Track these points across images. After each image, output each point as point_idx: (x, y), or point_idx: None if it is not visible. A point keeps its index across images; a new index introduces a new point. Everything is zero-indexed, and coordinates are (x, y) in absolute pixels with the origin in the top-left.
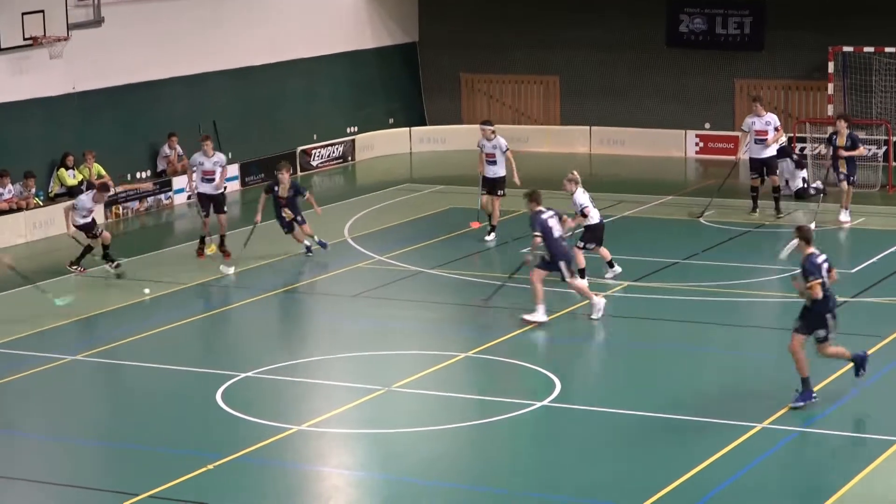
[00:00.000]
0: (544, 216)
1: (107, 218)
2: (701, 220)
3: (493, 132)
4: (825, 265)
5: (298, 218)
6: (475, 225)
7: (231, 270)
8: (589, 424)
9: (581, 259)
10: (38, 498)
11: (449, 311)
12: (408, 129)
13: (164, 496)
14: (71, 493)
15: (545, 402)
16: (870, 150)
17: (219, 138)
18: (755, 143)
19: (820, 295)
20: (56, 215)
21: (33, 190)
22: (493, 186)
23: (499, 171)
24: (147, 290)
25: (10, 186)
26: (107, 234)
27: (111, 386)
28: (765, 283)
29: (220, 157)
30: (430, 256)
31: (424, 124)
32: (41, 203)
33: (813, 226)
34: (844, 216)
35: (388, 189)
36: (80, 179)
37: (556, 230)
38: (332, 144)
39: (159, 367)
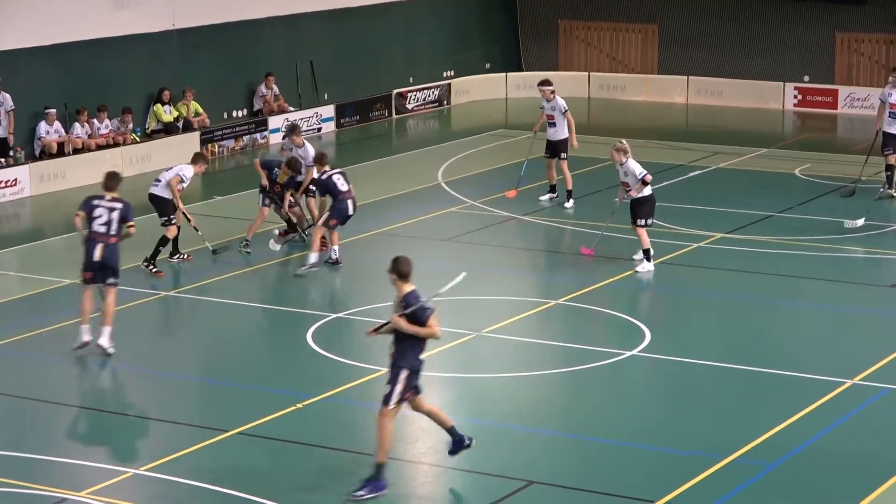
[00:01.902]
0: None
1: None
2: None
3: (553, 92)
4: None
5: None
6: (512, 192)
7: (278, 247)
8: (677, 375)
9: (646, 238)
10: (130, 430)
11: (541, 258)
12: (504, 74)
13: (252, 433)
14: (161, 427)
15: (634, 352)
16: None
17: (315, 79)
18: (889, 116)
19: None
20: (152, 151)
21: (130, 125)
22: (554, 149)
23: (559, 133)
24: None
25: (107, 121)
26: (172, 229)
27: (202, 322)
28: (860, 239)
29: (310, 148)
30: (522, 202)
31: (521, 70)
32: (138, 139)
33: None
34: None
35: (482, 134)
36: (175, 116)
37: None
38: (427, 88)
39: (251, 306)
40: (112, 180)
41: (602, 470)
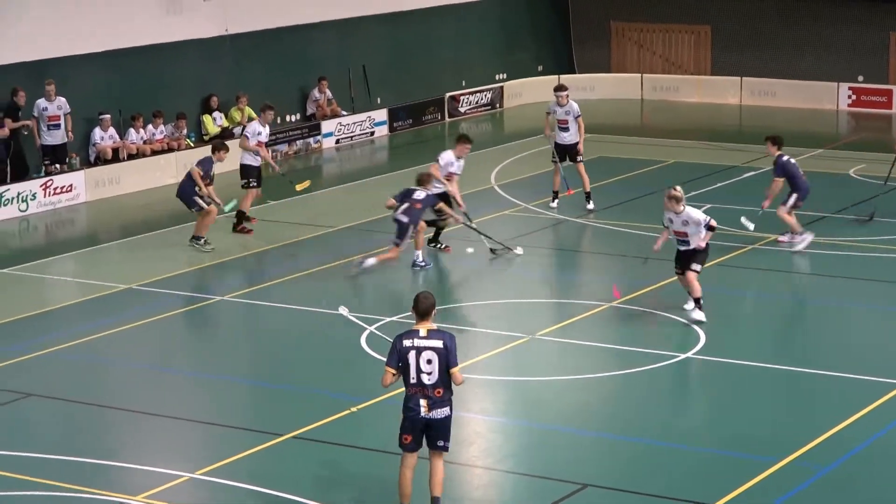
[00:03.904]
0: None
1: (260, 176)
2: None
3: (567, 97)
4: None
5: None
6: (568, 192)
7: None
8: (732, 378)
9: (698, 286)
10: (185, 435)
11: (593, 260)
12: (557, 76)
13: (306, 437)
14: (216, 431)
15: (689, 354)
16: None
17: (368, 83)
18: None
19: None
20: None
21: (184, 131)
22: (569, 154)
23: (572, 137)
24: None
25: (162, 127)
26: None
27: (257, 327)
28: None
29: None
30: (576, 204)
31: (573, 72)
32: (192, 144)
33: None
34: None
35: (535, 137)
36: (227, 125)
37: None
38: (480, 91)
39: (305, 310)
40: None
41: (657, 473)
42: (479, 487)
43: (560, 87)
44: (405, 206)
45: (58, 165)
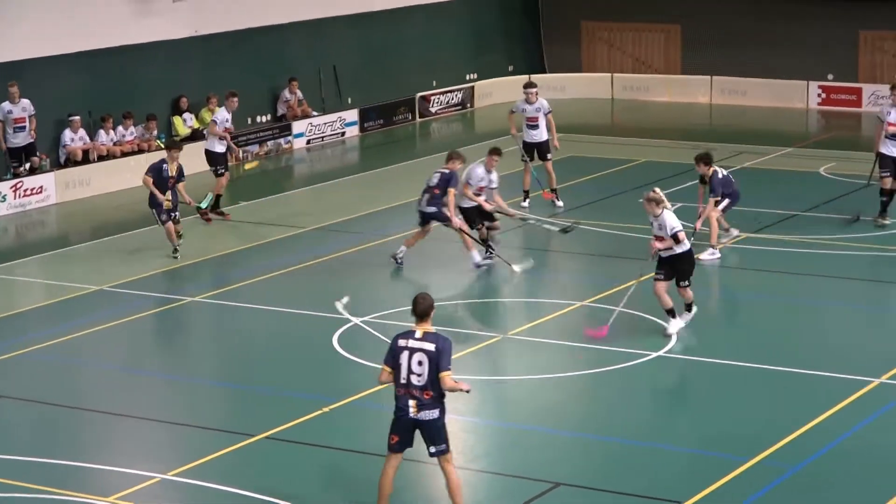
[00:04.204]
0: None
1: (227, 161)
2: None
3: (537, 94)
4: None
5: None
6: (544, 194)
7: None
8: (704, 376)
9: (690, 293)
10: (157, 436)
11: (564, 260)
12: (527, 76)
13: (279, 437)
14: (188, 432)
15: (660, 353)
16: None
17: (338, 83)
18: (887, 137)
19: None
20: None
21: (155, 132)
22: (538, 151)
23: (542, 134)
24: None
25: (132, 128)
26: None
27: (228, 327)
28: (885, 237)
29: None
30: (546, 203)
31: (544, 72)
32: (163, 146)
33: None
34: None
35: (506, 136)
36: (197, 126)
37: None
38: (451, 91)
39: (276, 310)
40: None
41: (628, 471)
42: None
43: (530, 84)
44: (425, 196)
45: (25, 167)
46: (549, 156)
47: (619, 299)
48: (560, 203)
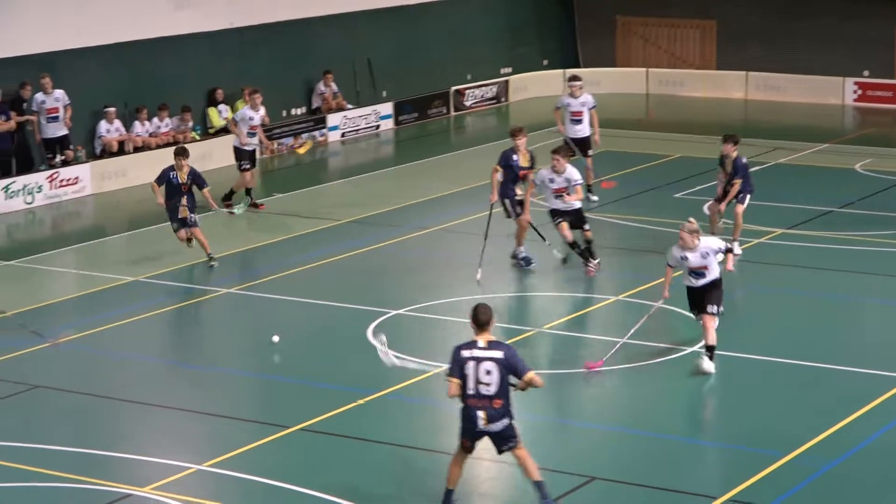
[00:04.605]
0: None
1: (261, 154)
2: None
3: (581, 87)
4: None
5: (192, 217)
6: (606, 185)
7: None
8: (739, 372)
9: (713, 332)
10: (192, 427)
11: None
12: (562, 70)
13: (313, 429)
14: (223, 423)
15: (696, 348)
16: None
17: (373, 76)
18: None
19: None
20: (213, 149)
21: (190, 124)
22: (580, 147)
23: (585, 130)
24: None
25: (167, 120)
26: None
27: (262, 319)
28: None
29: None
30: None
31: (578, 66)
32: (198, 137)
33: None
34: None
35: (540, 131)
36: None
37: None
38: (485, 85)
39: (311, 302)
40: None
41: (662, 466)
42: (487, 480)
43: (574, 78)
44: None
45: (60, 158)
46: (590, 152)
47: (634, 322)
48: (595, 198)
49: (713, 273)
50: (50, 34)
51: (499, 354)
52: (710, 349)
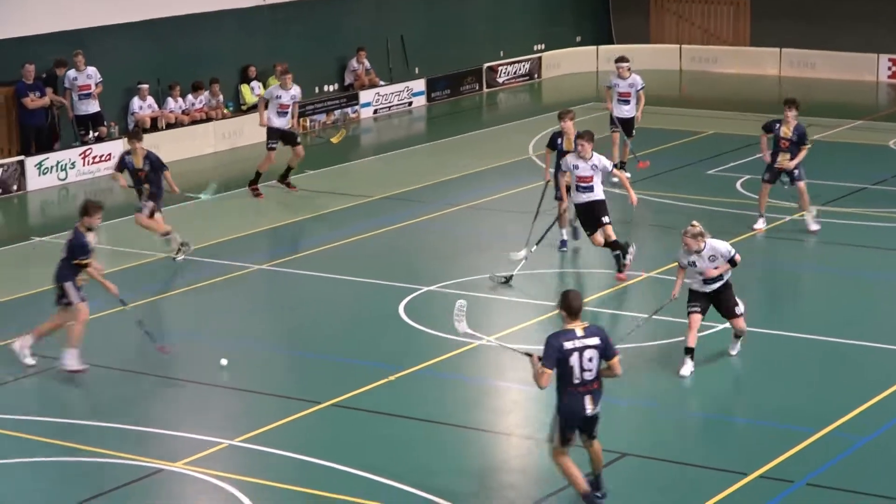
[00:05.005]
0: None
1: (293, 128)
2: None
3: (629, 69)
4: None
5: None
6: (642, 165)
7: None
8: (771, 348)
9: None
10: (224, 402)
11: (629, 230)
12: (595, 47)
13: (345, 405)
14: (255, 399)
15: (727, 325)
16: None
17: (406, 53)
18: None
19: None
20: (244, 126)
21: (221, 98)
22: (624, 127)
23: (631, 111)
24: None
25: (202, 97)
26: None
27: (295, 295)
28: None
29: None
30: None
31: (612, 43)
32: (230, 113)
33: None
34: None
35: (573, 108)
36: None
37: None
38: (518, 61)
39: (343, 279)
40: None
41: (694, 442)
42: (517, 457)
43: (621, 59)
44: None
45: (93, 135)
46: (633, 132)
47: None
48: (627, 175)
49: (724, 277)
50: (83, 11)
51: (597, 341)
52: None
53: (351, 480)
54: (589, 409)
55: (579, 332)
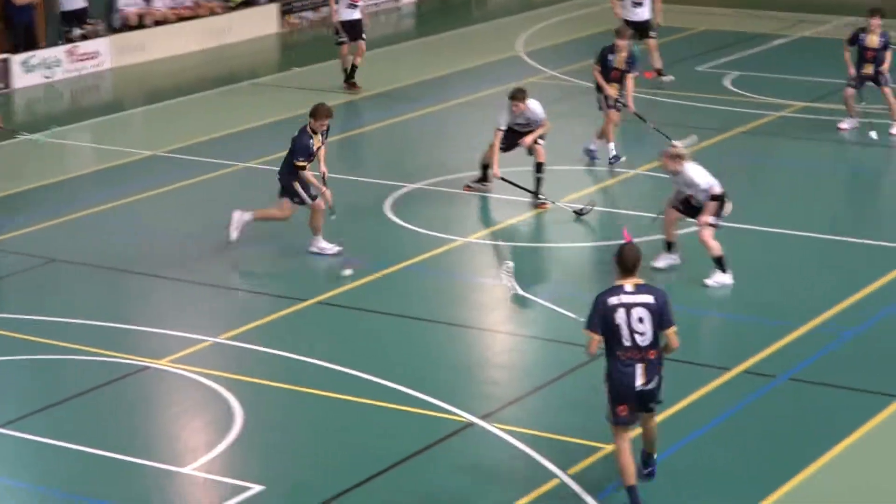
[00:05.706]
0: None
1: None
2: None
3: None
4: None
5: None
6: (648, 75)
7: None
8: (755, 244)
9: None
10: (209, 300)
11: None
12: None
13: (330, 302)
14: (240, 297)
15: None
16: None
17: None
18: None
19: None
20: (232, 24)
21: None
22: (640, 30)
23: (646, 13)
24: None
25: None
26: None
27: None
28: None
29: None
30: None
31: None
32: (218, 11)
33: None
34: None
35: (566, 3)
36: None
37: None
38: None
39: (329, 176)
40: None
41: (680, 338)
42: (502, 352)
43: None
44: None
45: (78, 31)
46: (652, 33)
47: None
48: (670, 77)
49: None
50: None
51: (649, 299)
52: (718, 261)
53: (335, 377)
54: (640, 381)
55: (629, 288)
